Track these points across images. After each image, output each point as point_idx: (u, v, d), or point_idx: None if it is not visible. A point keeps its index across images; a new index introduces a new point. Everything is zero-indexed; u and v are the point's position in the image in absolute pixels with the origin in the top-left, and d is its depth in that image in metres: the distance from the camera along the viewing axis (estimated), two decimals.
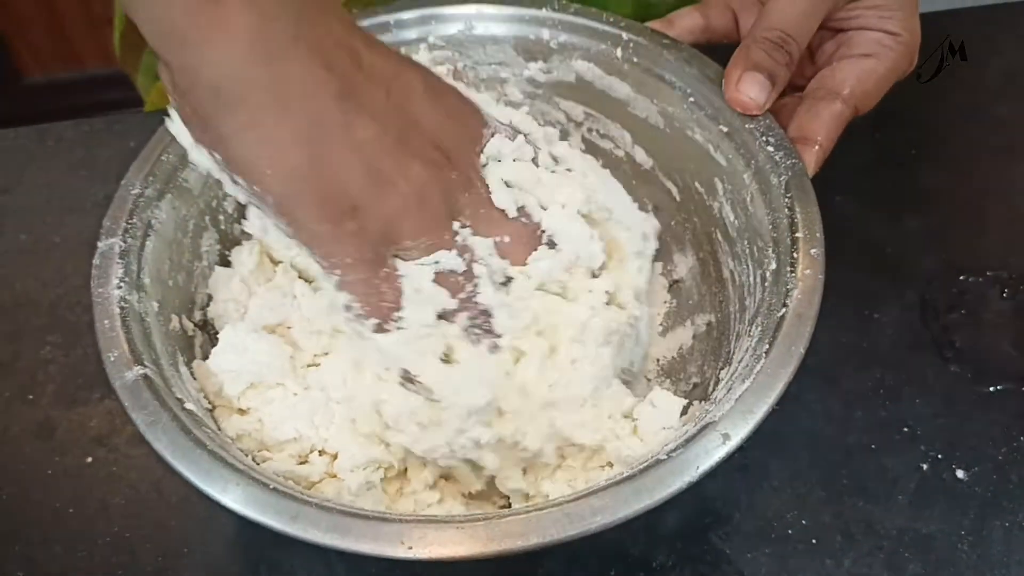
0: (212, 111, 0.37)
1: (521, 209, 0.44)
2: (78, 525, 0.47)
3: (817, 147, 0.46)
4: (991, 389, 0.50)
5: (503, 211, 0.44)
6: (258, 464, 0.41)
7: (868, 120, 0.50)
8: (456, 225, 0.42)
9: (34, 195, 0.61)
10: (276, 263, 0.48)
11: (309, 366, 0.44)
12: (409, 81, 0.42)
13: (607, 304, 0.45)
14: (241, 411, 0.43)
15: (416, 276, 0.41)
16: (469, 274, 0.42)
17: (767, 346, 0.39)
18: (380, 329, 0.41)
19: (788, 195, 0.43)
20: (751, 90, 0.46)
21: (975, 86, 0.64)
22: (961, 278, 0.54)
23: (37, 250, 0.58)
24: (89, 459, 0.49)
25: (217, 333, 0.45)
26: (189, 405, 0.39)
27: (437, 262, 0.41)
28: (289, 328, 0.45)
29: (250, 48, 0.36)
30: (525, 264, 0.44)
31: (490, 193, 0.43)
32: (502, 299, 0.43)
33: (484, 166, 0.44)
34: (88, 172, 0.62)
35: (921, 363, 0.51)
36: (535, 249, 0.44)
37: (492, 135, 0.45)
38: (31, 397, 0.52)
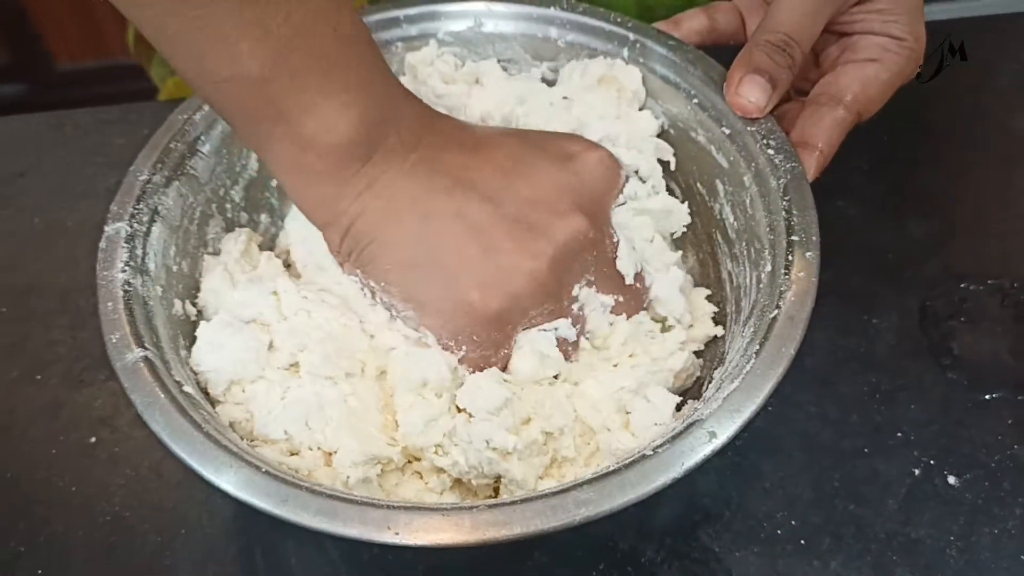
0: (349, 246, 0.43)
1: (638, 275, 0.46)
2: (80, 503, 0.48)
3: (818, 152, 0.47)
4: (987, 397, 0.50)
5: (622, 275, 0.45)
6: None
7: (873, 124, 0.50)
8: (577, 287, 0.44)
9: (49, 180, 0.62)
10: (261, 251, 0.49)
11: (292, 366, 0.44)
12: (528, 151, 0.44)
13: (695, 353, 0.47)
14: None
15: (540, 342, 0.43)
16: (576, 344, 0.45)
17: (758, 347, 0.39)
18: None
19: (786, 198, 0.44)
20: (751, 93, 0.46)
21: (981, 91, 0.64)
22: (962, 286, 0.54)
23: (50, 234, 0.59)
24: (93, 439, 0.50)
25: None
26: (187, 388, 0.40)
27: (556, 328, 0.44)
28: (266, 324, 0.45)
29: (372, 195, 0.41)
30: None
31: (616, 255, 0.45)
32: (599, 356, 0.46)
33: (621, 204, 0.47)
34: (102, 159, 0.63)
35: (918, 369, 0.51)
36: (637, 311, 0.46)
37: (627, 179, 0.47)
38: (39, 378, 0.53)
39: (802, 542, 0.45)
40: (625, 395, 0.43)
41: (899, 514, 0.46)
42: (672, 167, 0.51)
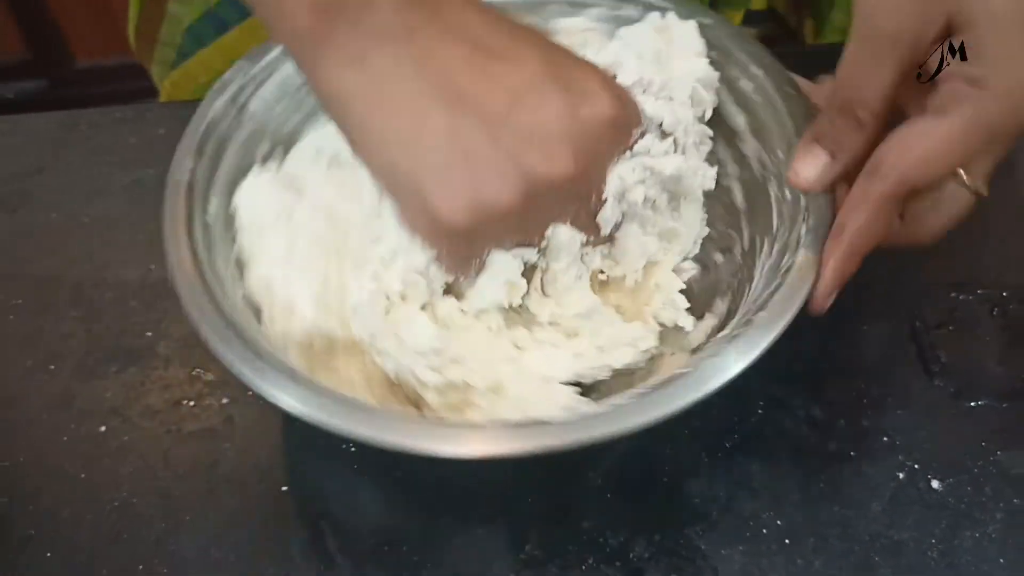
0: (338, 120, 0.42)
1: (618, 224, 0.46)
2: (88, 490, 0.49)
3: (845, 243, 0.43)
4: (972, 404, 0.51)
5: (600, 226, 0.45)
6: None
7: None
8: (551, 228, 0.44)
9: (65, 177, 0.64)
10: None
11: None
12: (544, 82, 0.41)
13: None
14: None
15: (511, 268, 0.44)
16: (535, 267, 0.46)
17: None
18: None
19: (784, 275, 0.43)
20: (804, 168, 0.44)
21: None
22: (952, 295, 0.55)
23: (66, 229, 0.61)
24: (103, 428, 0.52)
25: None
26: (210, 215, 0.44)
27: (522, 256, 0.45)
28: (299, 195, 0.47)
29: (363, 75, 0.40)
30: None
31: (599, 208, 0.44)
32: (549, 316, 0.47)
33: (628, 158, 0.44)
34: (116, 158, 0.64)
35: (906, 376, 0.52)
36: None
37: (642, 134, 0.45)
38: (52, 368, 0.54)
39: (787, 541, 0.46)
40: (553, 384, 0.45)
41: (883, 516, 0.47)
42: (706, 117, 0.49)
